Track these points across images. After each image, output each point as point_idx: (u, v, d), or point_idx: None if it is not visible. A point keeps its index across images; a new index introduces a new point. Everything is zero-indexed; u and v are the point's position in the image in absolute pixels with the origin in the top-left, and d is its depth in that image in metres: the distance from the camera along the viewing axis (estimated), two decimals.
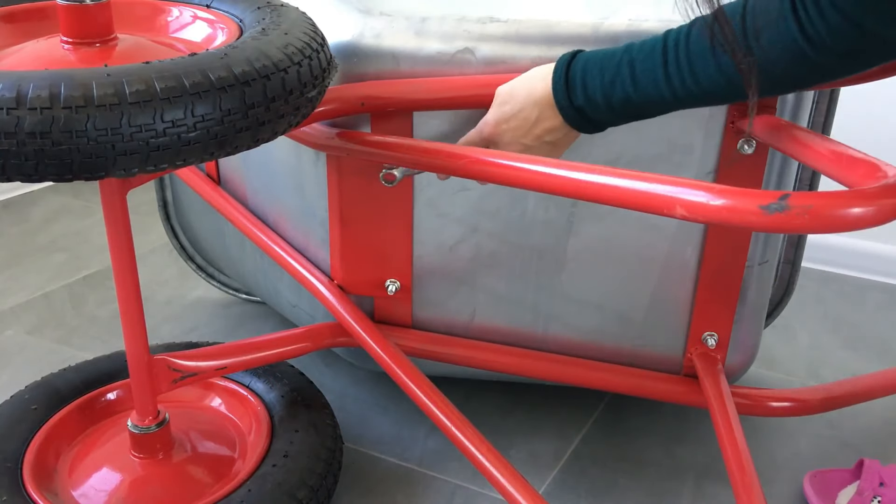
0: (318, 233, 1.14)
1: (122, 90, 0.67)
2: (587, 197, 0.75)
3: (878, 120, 1.60)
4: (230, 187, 1.31)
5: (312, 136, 1.01)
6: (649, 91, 0.81)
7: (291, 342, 1.13)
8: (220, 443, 1.11)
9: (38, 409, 1.11)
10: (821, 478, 1.11)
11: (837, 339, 1.50)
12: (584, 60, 0.85)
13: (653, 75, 0.80)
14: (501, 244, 1.09)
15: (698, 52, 0.78)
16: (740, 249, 1.06)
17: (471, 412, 1.08)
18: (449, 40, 0.98)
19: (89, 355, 1.38)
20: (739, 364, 1.14)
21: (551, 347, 1.15)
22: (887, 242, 1.69)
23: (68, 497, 1.02)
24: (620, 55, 0.83)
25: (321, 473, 1.04)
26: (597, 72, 0.83)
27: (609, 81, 0.83)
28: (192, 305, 1.58)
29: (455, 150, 0.87)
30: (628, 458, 1.20)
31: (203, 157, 0.73)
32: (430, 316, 1.15)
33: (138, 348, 0.99)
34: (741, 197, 0.65)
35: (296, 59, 0.78)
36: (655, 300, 1.10)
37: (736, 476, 0.93)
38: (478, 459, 0.96)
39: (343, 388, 1.34)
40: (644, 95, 0.81)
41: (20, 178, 0.69)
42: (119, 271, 0.96)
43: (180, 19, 0.95)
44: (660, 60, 0.80)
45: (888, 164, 0.71)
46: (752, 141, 0.99)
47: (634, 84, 0.81)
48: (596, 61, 0.84)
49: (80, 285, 1.65)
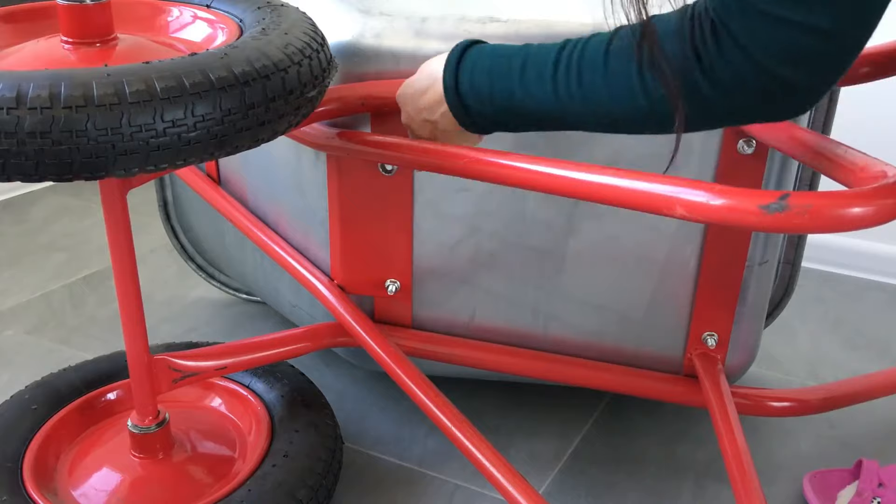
0: (318, 233, 1.14)
1: (123, 90, 0.67)
2: (587, 197, 0.75)
3: (878, 120, 1.60)
4: (230, 187, 1.31)
5: (312, 136, 1.01)
6: (533, 90, 0.77)
7: (291, 342, 1.13)
8: (220, 443, 1.11)
9: (38, 409, 1.11)
10: (820, 478, 1.11)
11: (837, 339, 1.50)
12: (485, 48, 0.82)
13: (539, 71, 0.76)
14: (501, 244, 1.09)
15: (591, 58, 0.74)
16: (740, 249, 1.06)
17: (471, 412, 1.08)
18: (449, 40, 0.97)
19: (89, 355, 1.38)
20: (739, 364, 1.14)
21: (551, 347, 1.15)
22: (887, 242, 1.69)
23: (68, 497, 1.02)
24: (518, 49, 0.79)
25: (321, 473, 1.04)
26: (489, 60, 0.80)
27: (497, 71, 0.79)
28: (192, 305, 1.58)
29: (455, 150, 0.87)
30: (628, 458, 1.20)
31: (203, 157, 0.73)
32: (430, 316, 1.15)
33: (138, 348, 0.99)
34: (741, 197, 0.65)
35: (296, 59, 0.78)
36: (655, 300, 1.10)
37: (736, 476, 0.93)
38: (478, 459, 0.96)
39: (343, 388, 1.34)
40: (527, 94, 0.77)
41: (20, 178, 0.69)
42: (119, 271, 0.96)
43: (180, 19, 0.95)
44: (552, 59, 0.76)
45: (888, 164, 0.71)
46: (751, 141, 0.99)
47: (521, 78, 0.77)
48: (494, 51, 0.81)
49: (80, 285, 1.65)
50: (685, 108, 0.70)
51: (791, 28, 0.63)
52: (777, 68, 0.65)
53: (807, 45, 0.63)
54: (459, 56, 0.82)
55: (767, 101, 0.68)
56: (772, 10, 0.63)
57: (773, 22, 0.63)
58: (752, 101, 0.68)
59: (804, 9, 0.62)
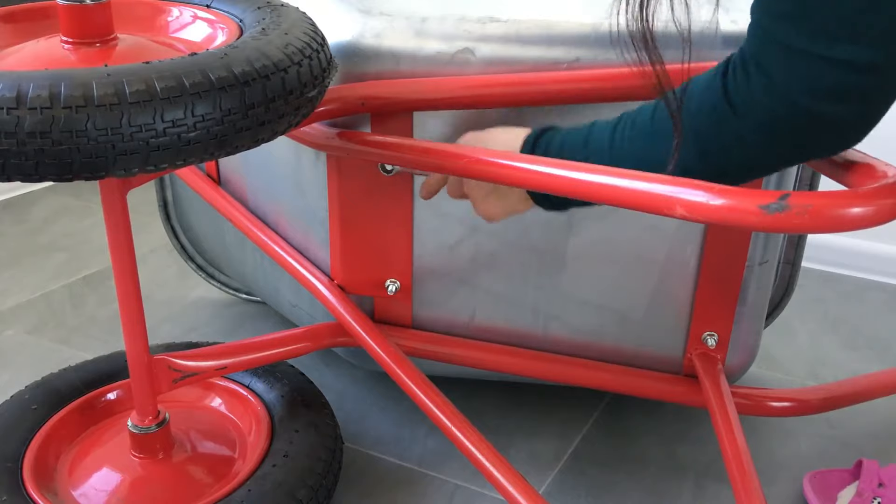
0: (318, 233, 1.14)
1: (123, 90, 0.67)
2: (587, 197, 0.75)
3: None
4: (230, 187, 1.31)
5: (312, 136, 1.01)
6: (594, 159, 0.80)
7: (291, 342, 1.13)
8: (220, 443, 1.11)
9: (38, 409, 1.11)
10: (821, 478, 1.11)
11: (837, 339, 1.50)
12: (559, 132, 0.86)
13: (600, 142, 0.81)
14: (501, 244, 1.09)
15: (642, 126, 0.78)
16: (740, 249, 1.06)
17: (471, 412, 1.08)
18: (449, 40, 0.98)
19: (89, 355, 1.38)
20: (739, 364, 1.14)
21: (551, 347, 1.15)
22: (887, 242, 1.69)
23: (68, 497, 1.02)
24: (584, 127, 0.84)
25: (321, 473, 1.04)
26: (562, 136, 0.84)
27: (568, 145, 0.83)
28: (192, 305, 1.58)
29: (455, 149, 0.87)
30: (628, 458, 1.20)
31: (203, 157, 0.73)
32: (430, 316, 1.15)
33: (138, 348, 0.99)
34: (741, 197, 0.65)
35: (296, 59, 0.78)
36: (655, 300, 1.10)
37: (736, 476, 0.93)
38: (478, 459, 0.96)
39: (343, 388, 1.34)
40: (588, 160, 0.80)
41: (20, 178, 0.69)
42: (119, 271, 0.96)
43: (180, 19, 0.95)
44: (610, 128, 0.80)
45: (888, 164, 0.71)
46: None
47: (585, 150, 0.81)
48: (565, 132, 0.85)
49: (80, 285, 1.65)
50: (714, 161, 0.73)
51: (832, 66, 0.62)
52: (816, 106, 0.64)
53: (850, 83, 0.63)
54: (535, 140, 0.86)
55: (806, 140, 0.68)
56: (805, 46, 0.62)
57: (810, 59, 0.63)
58: (787, 139, 0.68)
59: (841, 46, 0.61)
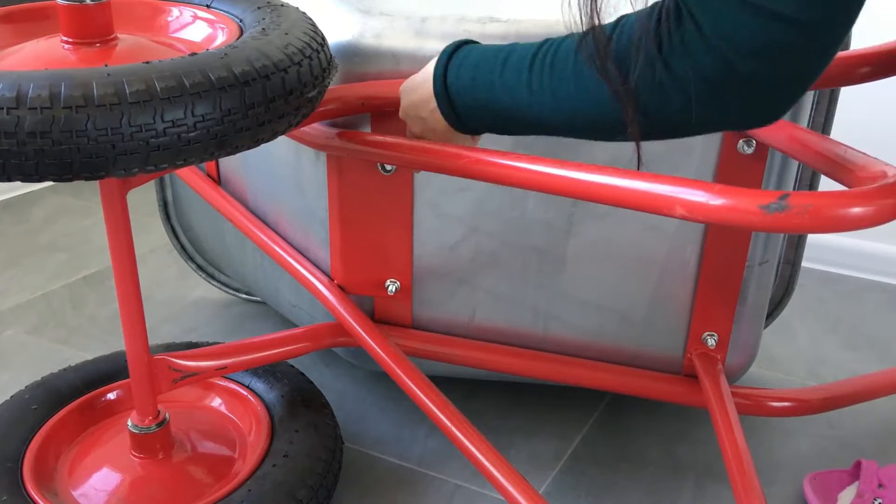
0: (318, 233, 1.14)
1: (122, 90, 0.67)
2: (587, 197, 0.75)
3: (878, 120, 1.60)
4: (230, 187, 1.31)
5: (312, 136, 1.01)
6: (510, 82, 0.76)
7: (291, 342, 1.13)
8: (220, 443, 1.11)
9: (38, 409, 1.11)
10: (820, 479, 1.11)
11: (837, 339, 1.50)
12: (476, 46, 0.81)
13: (518, 66, 0.75)
14: (501, 244, 1.09)
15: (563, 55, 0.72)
16: (740, 249, 1.06)
17: (471, 412, 1.08)
18: (449, 40, 0.97)
19: (89, 355, 1.38)
20: (739, 364, 1.14)
21: (551, 347, 1.15)
22: (887, 242, 1.69)
23: (68, 497, 1.02)
24: (504, 47, 0.79)
25: (321, 473, 1.04)
26: (477, 56, 0.80)
27: (482, 65, 0.79)
28: (192, 305, 1.58)
29: (455, 150, 0.87)
30: (628, 458, 1.20)
31: (203, 157, 0.73)
32: (430, 316, 1.15)
33: (138, 348, 0.99)
34: (741, 197, 0.65)
35: (296, 59, 0.78)
36: (655, 300, 1.10)
37: (736, 476, 0.93)
38: (478, 459, 0.96)
39: (343, 388, 1.34)
40: (505, 87, 0.76)
41: (20, 178, 0.69)
42: (119, 271, 0.96)
43: (180, 19, 0.95)
44: (530, 54, 0.75)
45: (888, 164, 0.71)
46: (751, 141, 0.99)
47: (502, 71, 0.77)
48: (483, 48, 0.80)
49: (80, 285, 1.65)
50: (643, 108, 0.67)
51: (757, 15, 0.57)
52: (739, 61, 0.60)
53: (774, 37, 0.58)
54: (451, 52, 0.82)
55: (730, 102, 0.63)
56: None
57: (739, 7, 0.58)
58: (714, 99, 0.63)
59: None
